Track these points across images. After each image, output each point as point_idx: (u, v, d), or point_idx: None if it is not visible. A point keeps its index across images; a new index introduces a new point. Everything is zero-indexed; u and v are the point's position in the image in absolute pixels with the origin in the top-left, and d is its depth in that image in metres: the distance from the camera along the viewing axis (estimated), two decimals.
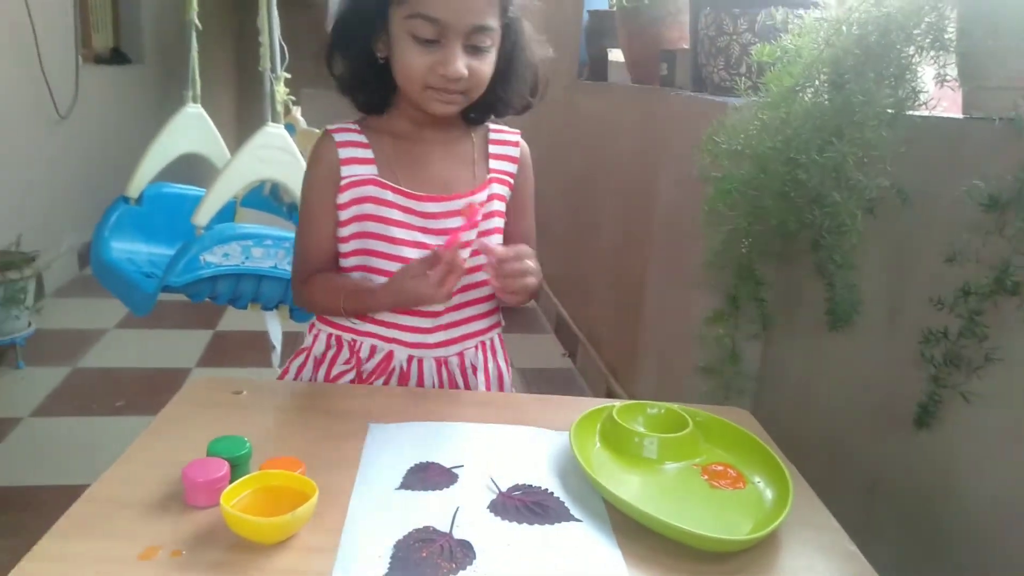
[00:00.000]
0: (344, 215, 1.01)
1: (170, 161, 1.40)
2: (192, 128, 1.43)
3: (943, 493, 0.98)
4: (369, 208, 1.00)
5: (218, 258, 1.09)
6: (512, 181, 1.08)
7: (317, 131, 1.76)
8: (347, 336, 1.05)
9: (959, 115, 1.01)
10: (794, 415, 1.34)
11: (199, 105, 1.49)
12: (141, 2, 4.43)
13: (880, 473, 1.11)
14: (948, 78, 0.97)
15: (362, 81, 1.00)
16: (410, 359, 1.03)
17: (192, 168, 1.80)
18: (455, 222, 1.00)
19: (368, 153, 1.01)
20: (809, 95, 1.07)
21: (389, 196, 1.00)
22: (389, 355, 1.04)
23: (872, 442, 1.13)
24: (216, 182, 1.23)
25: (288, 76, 1.64)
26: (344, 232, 1.02)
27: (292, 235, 1.20)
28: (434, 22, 0.89)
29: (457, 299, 1.04)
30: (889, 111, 0.96)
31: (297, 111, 1.95)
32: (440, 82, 0.92)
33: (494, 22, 0.93)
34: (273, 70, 1.57)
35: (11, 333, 2.53)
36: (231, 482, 0.70)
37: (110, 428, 2.21)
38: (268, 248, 1.18)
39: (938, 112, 1.07)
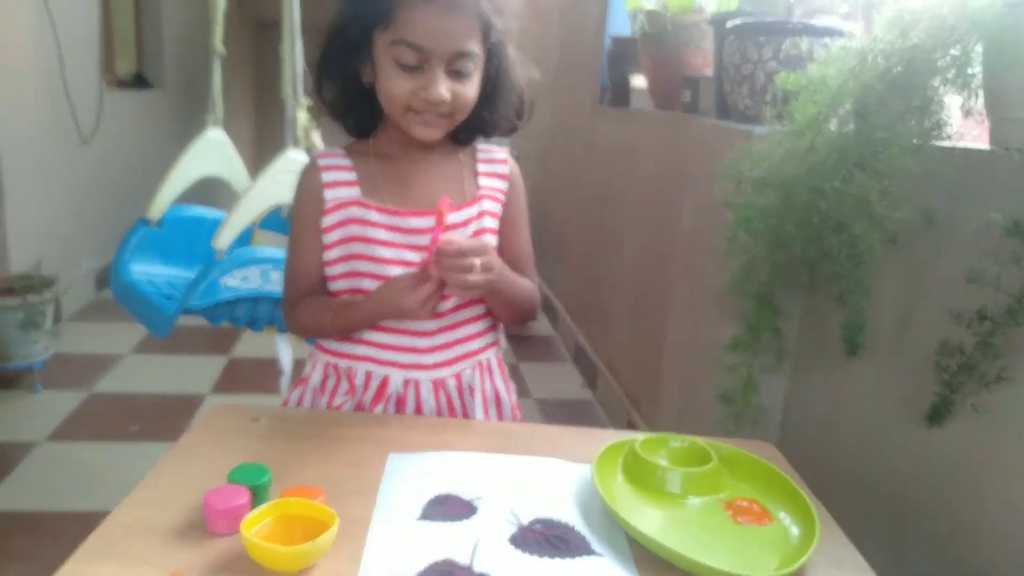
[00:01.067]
0: (329, 238, 1.02)
1: (190, 184, 1.42)
2: (213, 152, 1.45)
3: (974, 526, 0.97)
4: (354, 229, 1.01)
5: (237, 281, 1.10)
6: (503, 198, 1.08)
7: None
8: (343, 363, 1.05)
9: (987, 146, 1.01)
10: (820, 448, 1.32)
11: (221, 129, 1.51)
12: (163, 28, 4.51)
13: (909, 509, 1.09)
14: (974, 110, 0.96)
15: (350, 105, 1.03)
16: (406, 383, 1.03)
17: (210, 191, 1.82)
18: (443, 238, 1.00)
19: (351, 176, 1.03)
20: (834, 124, 1.07)
21: (373, 216, 1.01)
22: (385, 381, 1.03)
23: (900, 477, 1.11)
24: (237, 206, 1.24)
25: (310, 103, 1.66)
26: (330, 255, 1.03)
27: None
28: (417, 48, 0.91)
29: (451, 317, 1.04)
30: (914, 142, 0.96)
31: (317, 136, 1.97)
32: (422, 105, 0.94)
33: (476, 47, 0.94)
34: (295, 97, 1.59)
35: (29, 357, 2.55)
36: (251, 509, 0.70)
37: (125, 453, 2.21)
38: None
39: (969, 143, 1.07)
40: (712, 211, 1.43)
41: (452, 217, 1.00)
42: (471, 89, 0.96)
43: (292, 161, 1.19)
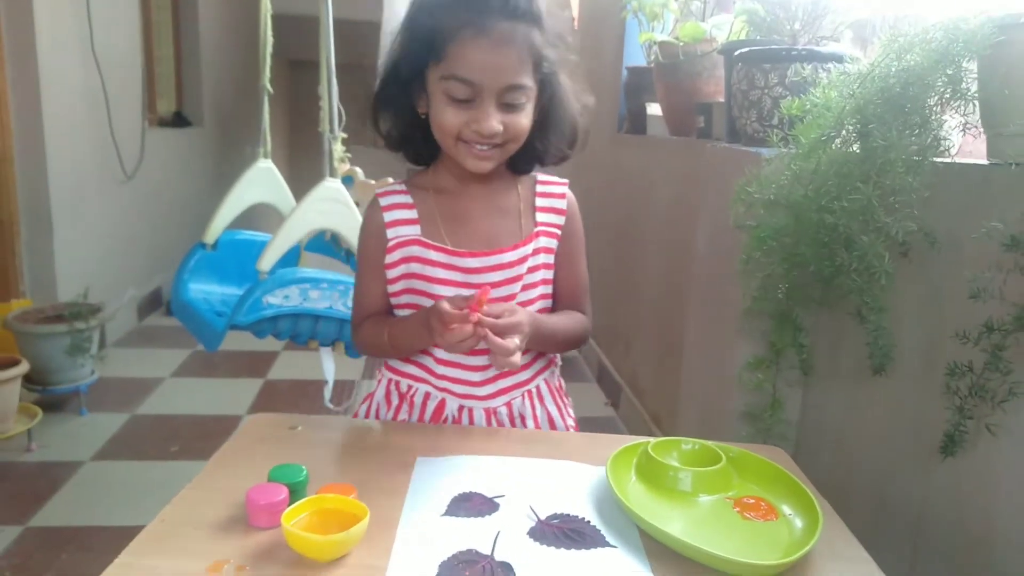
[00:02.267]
0: (393, 273, 1.06)
1: (243, 210, 1.52)
2: (263, 181, 1.56)
3: (989, 536, 0.98)
4: (415, 267, 1.05)
5: (279, 299, 1.18)
6: (559, 232, 1.10)
7: (373, 182, 1.86)
8: (404, 383, 1.10)
9: (985, 161, 1.05)
10: (835, 461, 1.34)
11: (270, 160, 1.61)
12: (202, 70, 4.71)
13: (923, 518, 1.11)
14: (971, 126, 1.01)
15: (407, 137, 1.05)
16: (461, 408, 1.08)
17: (260, 217, 1.92)
18: (497, 276, 1.04)
19: (412, 213, 1.06)
20: (837, 145, 1.12)
21: (432, 255, 1.04)
22: (442, 404, 1.08)
23: (915, 488, 1.13)
24: (279, 231, 1.33)
25: (345, 136, 1.75)
26: (394, 288, 1.07)
27: (347, 279, 1.27)
28: (467, 83, 0.93)
29: None
30: (914, 158, 1.00)
31: (359, 170, 2.07)
32: (474, 137, 0.95)
33: (528, 80, 0.95)
34: (332, 131, 1.68)
35: (76, 380, 2.67)
36: (290, 505, 0.75)
37: (165, 472, 2.30)
38: (324, 291, 1.27)
39: (968, 159, 1.10)
40: (726, 233, 1.48)
41: (506, 256, 1.04)
42: (523, 120, 0.97)
43: (329, 189, 1.27)
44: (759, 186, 1.22)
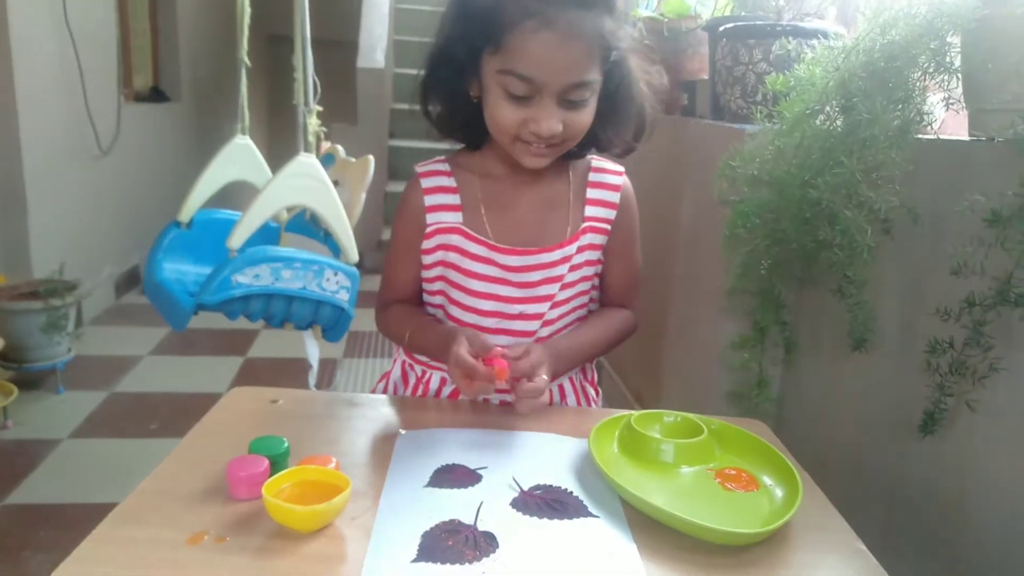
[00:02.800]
0: (428, 259, 1.02)
1: (219, 188, 1.48)
2: (240, 158, 1.51)
3: (960, 507, 1.00)
4: (452, 257, 1.00)
5: (249, 279, 1.15)
6: (609, 228, 1.03)
7: (354, 160, 1.84)
8: (418, 368, 1.08)
9: (967, 137, 1.06)
10: (814, 435, 1.36)
11: (247, 137, 1.57)
12: (179, 43, 4.63)
13: (897, 488, 1.13)
14: (953, 101, 1.01)
15: (458, 120, 0.97)
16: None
17: (239, 195, 1.89)
18: (536, 276, 0.99)
19: (455, 199, 0.99)
20: (821, 120, 1.12)
21: (472, 248, 0.99)
22: (457, 390, 1.05)
23: (890, 458, 1.15)
24: (250, 208, 1.30)
25: (320, 109, 1.72)
26: (429, 275, 1.04)
27: (322, 259, 1.25)
28: (527, 80, 0.84)
29: None
30: (898, 133, 1.01)
31: (340, 149, 2.04)
32: (531, 137, 0.88)
33: (594, 75, 0.87)
34: (306, 104, 1.65)
35: (52, 358, 2.63)
36: (270, 477, 0.75)
37: (144, 449, 2.28)
38: (297, 270, 1.23)
39: (949, 135, 1.11)
40: (709, 211, 1.48)
41: (549, 256, 0.98)
42: (586, 117, 0.90)
43: (303, 164, 1.24)
44: (742, 161, 1.22)
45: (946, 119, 1.17)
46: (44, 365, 2.62)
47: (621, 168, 1.06)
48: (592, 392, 1.16)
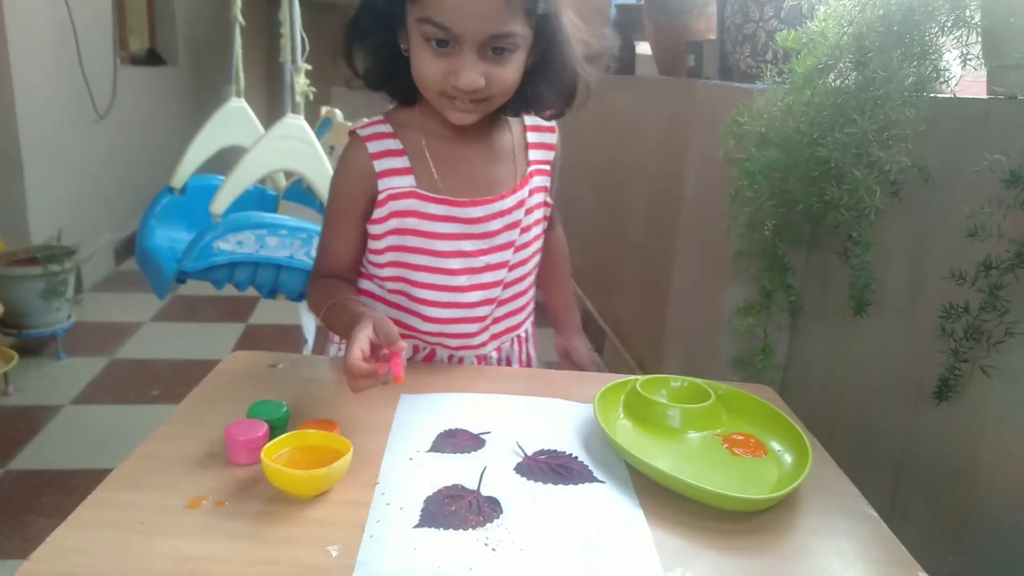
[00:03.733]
0: (380, 228, 0.97)
1: (214, 152, 1.45)
2: (235, 121, 1.47)
3: (969, 472, 0.99)
4: (410, 222, 0.96)
5: (232, 246, 1.11)
6: (549, 168, 1.05)
7: (351, 124, 1.80)
8: None
9: (984, 96, 1.02)
10: (820, 399, 1.34)
11: (242, 99, 1.53)
12: (175, 6, 4.55)
13: (906, 454, 1.12)
14: (972, 57, 0.97)
15: (389, 74, 0.93)
16: (451, 357, 1.05)
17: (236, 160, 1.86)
18: (497, 224, 0.98)
19: (404, 162, 0.96)
20: (833, 78, 1.08)
21: (430, 208, 0.95)
22: (431, 354, 1.05)
23: (898, 423, 1.13)
24: (234, 171, 1.26)
25: (309, 67, 1.67)
26: (378, 245, 0.98)
27: (310, 226, 1.22)
28: (444, 29, 0.81)
29: (505, 307, 1.05)
30: (913, 91, 0.97)
31: (338, 113, 1.99)
32: (454, 91, 0.86)
33: (517, 27, 0.83)
34: (293, 62, 1.60)
35: (52, 324, 2.62)
36: (270, 442, 0.73)
37: (146, 415, 2.28)
38: (283, 238, 1.19)
39: (966, 94, 1.07)
40: (715, 173, 1.45)
41: (506, 202, 0.98)
42: (511, 72, 0.86)
43: (290, 127, 1.20)
44: (750, 119, 1.19)
45: (964, 81, 1.13)
46: (44, 331, 2.61)
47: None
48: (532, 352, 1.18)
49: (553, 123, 1.05)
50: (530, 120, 1.04)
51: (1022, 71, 0.91)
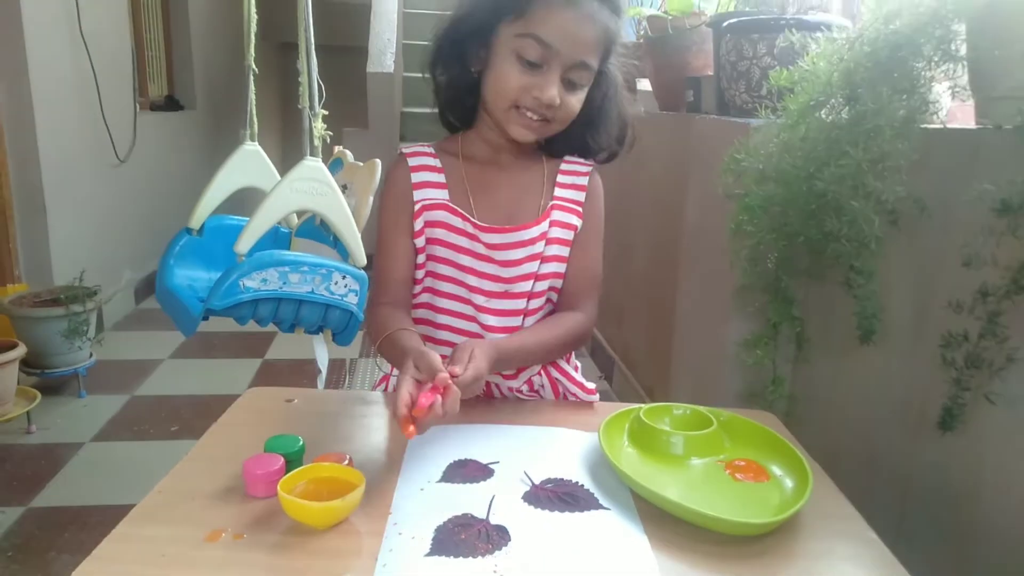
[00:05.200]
0: (419, 241, 1.03)
1: (230, 195, 1.49)
2: (250, 164, 1.51)
3: (973, 498, 1.00)
4: (439, 233, 1.03)
5: (257, 283, 1.15)
6: (579, 209, 1.07)
7: (361, 164, 1.85)
8: None
9: (974, 126, 1.05)
10: (826, 427, 1.35)
11: (256, 143, 1.58)
12: (192, 53, 4.68)
13: (911, 481, 1.12)
14: (959, 89, 1.01)
15: (456, 93, 1.03)
16: (487, 384, 1.06)
17: (251, 202, 1.91)
18: (519, 253, 1.03)
19: (441, 177, 1.04)
20: (825, 113, 1.12)
21: (458, 223, 1.02)
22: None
23: (903, 450, 1.14)
24: (257, 212, 1.30)
25: (326, 113, 1.72)
26: (419, 259, 1.05)
27: (329, 262, 1.25)
28: (545, 46, 0.92)
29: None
30: (903, 123, 1.00)
31: (348, 153, 2.04)
32: (531, 103, 0.94)
33: (595, 63, 0.96)
34: (311, 108, 1.65)
35: (74, 363, 2.67)
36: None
37: (166, 451, 2.31)
38: (304, 274, 1.23)
39: (956, 125, 1.10)
40: (715, 207, 1.48)
41: (527, 233, 1.02)
42: (578, 102, 0.97)
43: (309, 168, 1.24)
44: (747, 155, 1.22)
45: (955, 110, 1.16)
46: (66, 370, 2.66)
47: (591, 163, 1.10)
48: (578, 390, 1.13)
49: (589, 168, 1.09)
50: (567, 165, 1.08)
51: (1008, 102, 0.94)
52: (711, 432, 0.88)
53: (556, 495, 0.79)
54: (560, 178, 1.07)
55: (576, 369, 1.15)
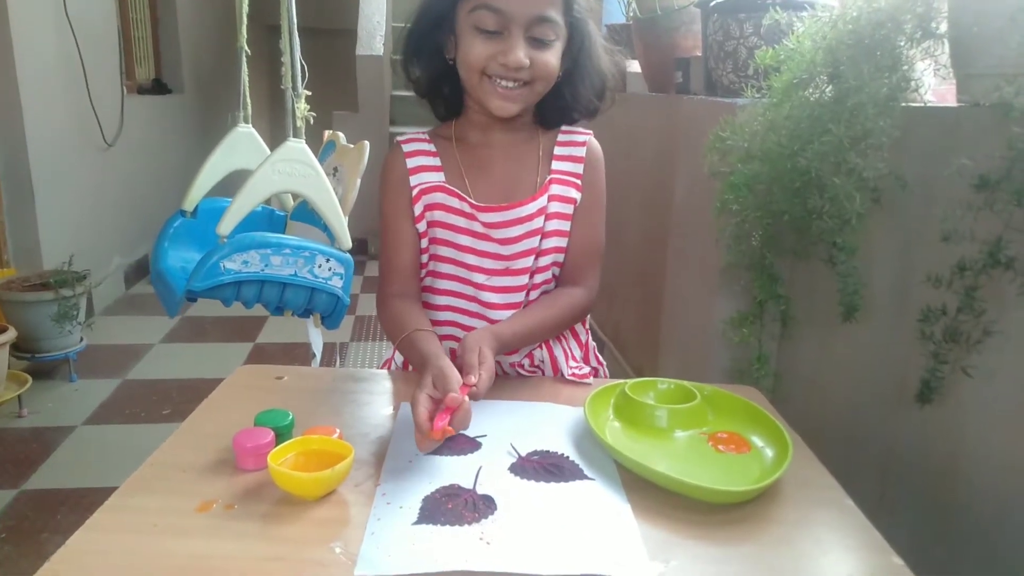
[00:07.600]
0: (421, 227, 1.05)
1: (223, 177, 1.49)
2: (243, 146, 1.51)
3: (952, 469, 1.02)
4: (438, 215, 1.04)
5: (238, 265, 1.15)
6: (579, 182, 1.07)
7: (352, 147, 1.85)
8: None
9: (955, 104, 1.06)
10: (810, 403, 1.37)
11: (250, 125, 1.58)
12: (180, 36, 4.64)
13: (892, 454, 1.14)
14: (940, 67, 1.02)
15: (435, 83, 1.05)
16: None
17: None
18: (516, 230, 1.04)
19: (435, 160, 1.06)
20: (809, 91, 1.12)
21: (455, 203, 1.03)
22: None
23: (884, 424, 1.16)
24: (239, 194, 1.30)
25: (308, 93, 1.71)
26: (422, 243, 1.06)
27: (313, 245, 1.26)
28: (495, 11, 0.93)
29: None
30: (885, 100, 1.01)
31: (340, 135, 2.03)
32: (500, 71, 0.95)
33: (557, 15, 0.95)
34: (294, 88, 1.64)
35: (65, 348, 2.67)
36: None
37: (157, 434, 2.29)
38: (287, 257, 1.24)
39: (940, 103, 1.11)
40: (702, 187, 1.49)
41: (524, 209, 1.03)
42: (552, 57, 0.97)
43: (292, 150, 1.24)
44: (733, 134, 1.23)
45: (944, 92, 1.17)
46: (57, 355, 2.66)
47: (589, 131, 1.11)
48: (594, 362, 1.17)
49: (586, 138, 1.10)
50: (564, 135, 1.09)
51: (987, 79, 0.95)
52: (694, 405, 0.89)
53: (542, 466, 0.80)
54: (557, 150, 1.08)
55: (584, 347, 1.18)
